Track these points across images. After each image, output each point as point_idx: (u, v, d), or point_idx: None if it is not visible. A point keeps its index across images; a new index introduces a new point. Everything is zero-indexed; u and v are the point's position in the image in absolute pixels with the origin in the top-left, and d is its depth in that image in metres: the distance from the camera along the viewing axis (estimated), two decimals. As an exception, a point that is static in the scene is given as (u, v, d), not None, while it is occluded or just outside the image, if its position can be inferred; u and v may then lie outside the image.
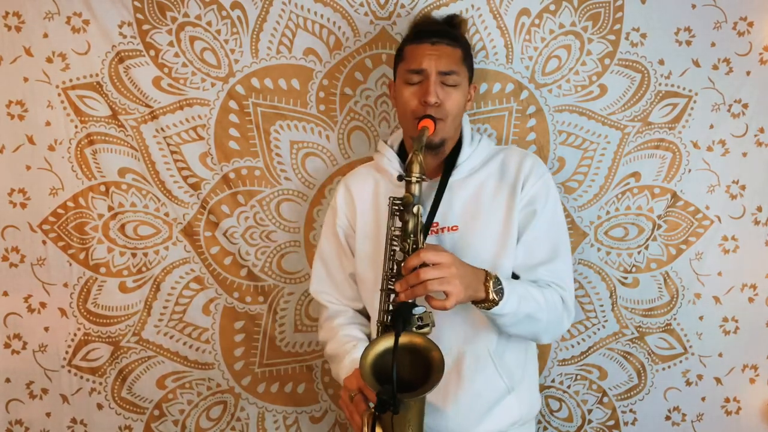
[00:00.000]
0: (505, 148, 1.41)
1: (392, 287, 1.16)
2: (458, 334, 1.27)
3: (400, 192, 1.17)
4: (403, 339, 1.04)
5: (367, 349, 1.08)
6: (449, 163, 1.33)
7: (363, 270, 1.37)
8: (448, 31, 1.35)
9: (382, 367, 1.05)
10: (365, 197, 1.39)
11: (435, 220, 1.29)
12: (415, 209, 1.12)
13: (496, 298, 1.12)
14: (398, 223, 1.18)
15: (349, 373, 1.22)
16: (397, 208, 1.20)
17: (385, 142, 1.43)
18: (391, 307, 1.17)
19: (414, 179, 1.12)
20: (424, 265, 1.07)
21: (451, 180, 1.31)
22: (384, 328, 1.18)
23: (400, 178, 1.15)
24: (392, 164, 1.37)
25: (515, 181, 1.30)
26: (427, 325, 1.11)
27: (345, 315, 1.43)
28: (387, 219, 1.22)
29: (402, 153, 1.40)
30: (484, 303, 1.13)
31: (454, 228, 1.29)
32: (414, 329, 1.09)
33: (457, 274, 1.07)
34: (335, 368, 1.35)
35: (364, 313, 1.45)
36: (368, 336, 1.39)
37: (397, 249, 1.16)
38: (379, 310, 1.20)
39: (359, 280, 1.40)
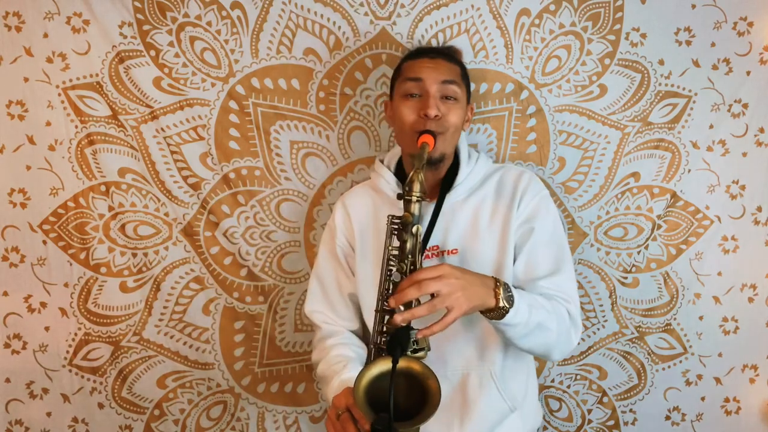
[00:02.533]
0: (502, 166, 1.39)
1: (387, 308, 1.11)
2: (463, 356, 1.25)
3: (399, 212, 1.13)
4: (401, 365, 0.99)
5: (361, 373, 1.02)
6: (446, 183, 1.31)
7: (364, 291, 1.35)
8: (446, 51, 1.36)
9: (377, 392, 1.00)
10: (363, 218, 1.37)
11: (435, 243, 1.28)
12: (414, 229, 1.08)
13: (507, 306, 1.07)
14: (396, 243, 1.14)
15: (338, 393, 1.15)
16: (395, 227, 1.16)
17: (382, 162, 1.41)
18: (385, 329, 1.12)
19: (414, 198, 1.08)
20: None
21: (450, 201, 1.29)
22: (378, 351, 1.14)
23: (399, 196, 1.11)
24: (390, 186, 1.35)
25: (512, 201, 1.28)
26: (423, 348, 1.06)
27: (338, 335, 1.38)
28: (385, 237, 1.18)
29: (399, 172, 1.37)
30: (494, 311, 1.08)
31: (454, 251, 1.27)
32: (409, 353, 1.04)
33: (459, 285, 1.01)
34: (325, 389, 1.29)
35: (360, 334, 1.43)
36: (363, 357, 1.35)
37: (394, 269, 1.13)
38: (373, 331, 1.17)
39: (361, 301, 1.38)
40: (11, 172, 1.61)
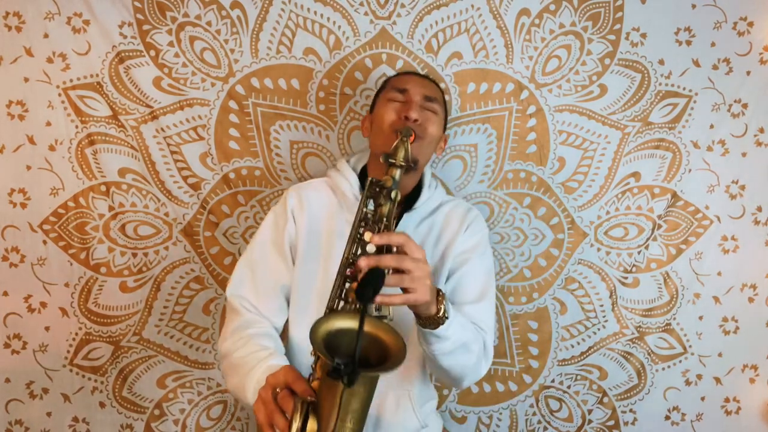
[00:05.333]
0: (453, 198, 1.42)
1: (351, 273, 1.04)
2: (384, 377, 1.22)
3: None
4: (367, 326, 0.90)
5: (317, 324, 0.90)
6: (408, 203, 1.32)
7: (302, 288, 1.29)
8: (430, 78, 1.42)
9: (335, 345, 0.90)
10: (318, 213, 1.32)
11: None
12: (393, 194, 1.06)
13: (444, 317, 1.06)
14: (372, 207, 1.09)
15: (261, 384, 1.02)
16: (374, 189, 1.10)
17: (347, 162, 1.38)
18: (345, 294, 1.04)
19: (398, 162, 1.08)
20: (389, 250, 0.99)
21: (406, 222, 1.31)
22: (336, 300, 1.05)
23: (386, 157, 1.09)
24: (352, 189, 1.31)
25: (457, 232, 1.32)
26: (385, 316, 1.00)
27: (259, 325, 1.25)
28: (361, 198, 1.11)
29: (363, 178, 1.33)
30: (431, 319, 1.06)
31: None
32: (374, 311, 0.98)
33: (427, 275, 1.00)
34: (238, 379, 1.11)
35: (280, 333, 1.32)
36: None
37: (363, 232, 1.06)
38: (331, 297, 1.06)
39: (294, 295, 1.30)
40: (11, 172, 1.61)
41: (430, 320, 1.07)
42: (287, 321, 1.32)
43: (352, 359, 0.82)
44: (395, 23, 1.58)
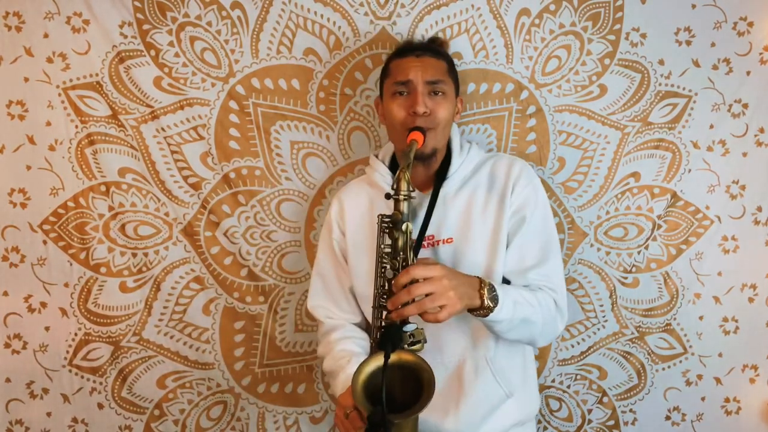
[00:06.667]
0: (494, 155, 1.41)
1: (384, 304, 1.15)
2: (458, 343, 1.28)
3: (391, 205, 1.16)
4: (393, 358, 1.03)
5: (358, 370, 1.07)
6: (440, 175, 1.34)
7: (360, 285, 1.37)
8: (431, 46, 1.37)
9: (374, 387, 1.05)
10: (359, 212, 1.39)
11: (430, 232, 1.30)
12: (404, 227, 1.12)
13: (492, 305, 1.11)
14: (388, 241, 1.18)
15: (344, 389, 1.23)
16: (386, 225, 1.19)
17: (376, 156, 1.43)
18: (383, 324, 1.16)
19: (402, 197, 1.12)
20: (414, 281, 1.05)
21: (444, 192, 1.32)
22: (376, 346, 1.16)
23: (387, 196, 1.14)
24: (385, 179, 1.37)
25: (504, 188, 1.31)
26: (419, 341, 1.10)
27: (341, 329, 1.41)
28: (377, 236, 1.21)
29: (394, 167, 1.39)
30: (480, 311, 1.12)
31: (449, 240, 1.30)
32: (406, 346, 1.08)
33: (450, 286, 1.05)
34: (332, 384, 1.34)
35: (363, 326, 1.45)
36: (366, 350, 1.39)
37: (388, 266, 1.16)
38: (372, 327, 1.21)
39: (358, 294, 1.40)
40: (11, 172, 1.61)
41: (478, 311, 1.13)
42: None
43: (381, 412, 0.96)
44: (395, 23, 1.58)
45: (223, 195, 1.65)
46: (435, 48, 1.38)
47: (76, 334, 1.68)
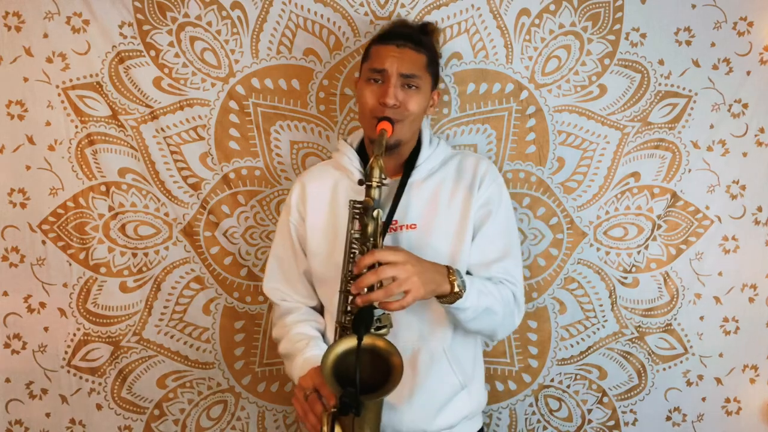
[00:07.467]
0: (461, 152, 1.44)
1: (350, 288, 1.15)
2: (414, 331, 1.29)
3: (361, 190, 1.17)
4: (366, 341, 1.06)
5: (328, 351, 1.09)
6: (409, 165, 1.35)
7: (318, 267, 1.36)
8: (415, 36, 1.34)
9: (344, 369, 1.07)
10: (321, 195, 1.38)
11: (395, 218, 1.31)
12: (374, 213, 1.13)
13: (460, 292, 1.14)
14: (358, 226, 1.19)
15: (303, 372, 1.23)
16: (357, 211, 1.20)
17: (345, 140, 1.44)
18: (350, 309, 1.17)
19: (374, 184, 1.14)
20: (379, 264, 1.06)
21: (411, 180, 1.33)
22: (343, 330, 1.18)
23: (360, 182, 1.17)
24: (353, 163, 1.37)
25: (473, 182, 1.33)
26: (385, 326, 1.13)
27: (297, 312, 1.41)
28: (347, 221, 1.22)
29: (361, 151, 1.40)
30: (448, 297, 1.15)
31: (413, 226, 1.31)
32: (373, 330, 1.10)
33: (415, 271, 1.07)
34: (288, 366, 1.34)
35: (319, 309, 1.45)
36: (322, 333, 1.39)
37: (357, 252, 1.17)
38: (338, 311, 1.20)
39: (315, 277, 1.39)
40: (11, 172, 1.61)
41: (446, 297, 1.15)
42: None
43: (354, 394, 1.00)
44: (395, 23, 1.58)
45: (223, 195, 1.65)
46: (419, 38, 1.34)
47: (74, 335, 1.67)
